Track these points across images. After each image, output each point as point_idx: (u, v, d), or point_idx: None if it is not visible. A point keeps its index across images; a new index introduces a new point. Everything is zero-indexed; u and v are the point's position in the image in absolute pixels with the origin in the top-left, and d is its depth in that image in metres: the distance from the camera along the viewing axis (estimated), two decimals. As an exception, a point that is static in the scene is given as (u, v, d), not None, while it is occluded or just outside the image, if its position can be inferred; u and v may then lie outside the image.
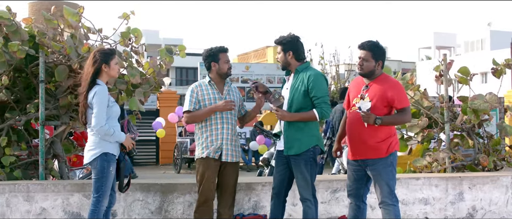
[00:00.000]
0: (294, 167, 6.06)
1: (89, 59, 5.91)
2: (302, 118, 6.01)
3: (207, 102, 6.26)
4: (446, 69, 8.35)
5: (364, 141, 5.89)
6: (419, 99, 8.64)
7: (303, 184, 6.05)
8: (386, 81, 5.95)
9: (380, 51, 5.98)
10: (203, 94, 6.30)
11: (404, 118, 5.97)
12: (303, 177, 6.04)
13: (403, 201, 7.32)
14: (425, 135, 8.48)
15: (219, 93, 6.32)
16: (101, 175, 5.66)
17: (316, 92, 5.99)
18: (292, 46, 6.17)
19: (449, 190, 7.52)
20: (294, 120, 6.01)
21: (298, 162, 6.03)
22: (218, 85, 6.37)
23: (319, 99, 5.99)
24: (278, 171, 6.24)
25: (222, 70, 6.33)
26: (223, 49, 6.37)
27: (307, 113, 6.00)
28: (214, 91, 6.32)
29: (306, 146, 6.02)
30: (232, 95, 6.41)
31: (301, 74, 6.11)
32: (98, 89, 5.69)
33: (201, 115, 6.22)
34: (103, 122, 5.62)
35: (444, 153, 8.20)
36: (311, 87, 5.98)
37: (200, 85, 6.38)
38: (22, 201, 6.58)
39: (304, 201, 6.09)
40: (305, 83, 6.01)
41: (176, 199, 6.86)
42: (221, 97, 6.30)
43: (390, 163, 5.90)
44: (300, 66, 6.18)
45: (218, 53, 6.34)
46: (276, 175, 6.25)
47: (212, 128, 6.22)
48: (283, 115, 6.01)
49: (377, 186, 5.93)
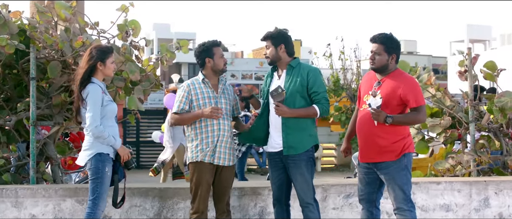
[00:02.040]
0: (293, 168, 6.06)
1: (85, 55, 5.97)
2: (303, 114, 6.06)
3: (201, 101, 6.20)
4: (471, 64, 8.24)
5: (375, 142, 5.84)
6: (441, 98, 8.55)
7: (304, 187, 6.06)
8: (400, 77, 5.88)
9: (394, 44, 5.92)
10: (196, 93, 6.24)
11: (418, 117, 5.90)
12: (303, 179, 6.06)
13: (422, 207, 7.25)
14: (447, 136, 8.38)
15: (214, 92, 6.26)
16: (96, 176, 5.71)
17: (317, 88, 6.07)
18: (285, 40, 6.21)
19: (473, 195, 7.42)
20: (294, 116, 6.02)
21: (298, 163, 6.04)
22: (213, 83, 6.32)
23: (320, 95, 6.08)
24: (276, 175, 6.24)
25: (217, 66, 6.27)
26: (216, 43, 6.33)
27: (309, 109, 6.07)
28: (208, 90, 6.26)
29: (307, 145, 6.08)
30: (227, 94, 6.35)
31: (295, 69, 6.14)
32: (92, 87, 5.73)
33: (187, 119, 6.21)
34: (97, 122, 5.67)
35: (469, 155, 8.08)
36: (311, 83, 6.06)
37: (193, 83, 6.32)
38: (10, 207, 6.59)
39: (306, 206, 6.10)
40: (305, 78, 6.06)
41: (176, 205, 6.84)
42: (216, 96, 6.25)
43: (404, 166, 5.84)
44: (293, 61, 6.23)
45: (211, 48, 6.28)
46: (275, 180, 6.25)
47: (207, 130, 6.16)
48: (284, 111, 5.98)
49: (390, 191, 5.88)
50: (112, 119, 5.84)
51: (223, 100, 6.27)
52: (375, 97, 5.84)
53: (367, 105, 5.90)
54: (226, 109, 6.26)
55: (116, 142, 5.78)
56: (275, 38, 6.18)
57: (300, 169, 6.03)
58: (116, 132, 5.89)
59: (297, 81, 6.05)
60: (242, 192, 6.91)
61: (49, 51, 7.17)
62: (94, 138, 5.69)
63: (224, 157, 6.18)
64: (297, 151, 6.01)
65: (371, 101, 5.85)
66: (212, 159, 6.14)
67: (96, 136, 5.66)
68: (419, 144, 8.68)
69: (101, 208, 5.70)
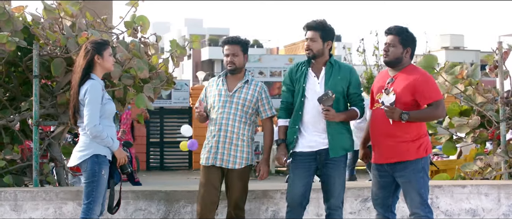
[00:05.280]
0: (333, 170, 6.02)
1: (81, 51, 5.96)
2: (348, 117, 6.05)
3: (211, 99, 6.22)
4: (501, 59, 8.07)
5: (389, 141, 5.74)
6: (472, 95, 8.37)
7: (340, 189, 6.07)
8: (413, 72, 5.80)
9: (409, 37, 5.84)
10: (210, 91, 6.29)
11: (435, 113, 5.77)
12: (340, 181, 6.07)
13: (446, 212, 7.12)
14: (476, 136, 8.21)
15: (227, 90, 6.20)
16: (91, 179, 5.66)
17: (357, 89, 6.09)
18: (332, 36, 6.07)
19: (502, 200, 7.25)
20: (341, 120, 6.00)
21: (338, 164, 6.03)
22: (232, 80, 6.27)
23: (358, 97, 6.08)
24: (305, 176, 6.07)
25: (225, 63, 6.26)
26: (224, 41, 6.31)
27: (351, 112, 6.07)
28: (221, 88, 6.22)
29: (350, 148, 6.13)
30: (243, 93, 6.20)
31: (334, 68, 6.04)
32: (91, 84, 5.69)
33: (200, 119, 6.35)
34: (96, 121, 5.62)
35: (499, 157, 7.91)
36: (353, 84, 6.04)
37: (214, 79, 6.39)
38: (8, 210, 6.61)
39: (336, 209, 6.08)
40: (348, 78, 6.01)
41: (183, 208, 6.81)
42: (229, 94, 6.18)
43: (422, 169, 5.74)
44: (332, 58, 6.12)
45: (223, 46, 6.29)
46: (302, 181, 6.05)
47: (210, 130, 6.19)
48: (334, 115, 5.88)
49: (406, 195, 5.79)
50: (110, 119, 5.81)
51: (235, 99, 6.16)
52: (388, 95, 5.75)
53: (379, 103, 5.81)
54: (237, 109, 6.14)
55: (114, 144, 5.74)
56: (325, 31, 6.00)
57: (339, 171, 6.02)
58: (114, 133, 5.85)
59: (339, 80, 5.97)
60: (252, 195, 6.84)
61: (52, 48, 7.18)
62: (92, 137, 5.65)
63: (227, 159, 6.11)
64: (342, 153, 6.01)
65: (384, 98, 5.76)
66: (215, 161, 6.10)
67: (94, 136, 5.62)
68: (446, 144, 8.55)
69: (96, 212, 5.66)
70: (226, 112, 6.12)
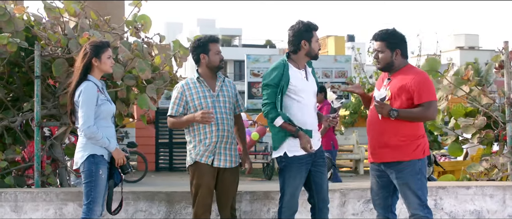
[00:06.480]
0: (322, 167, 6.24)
1: (80, 53, 5.99)
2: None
3: (197, 102, 6.16)
4: (508, 59, 8.05)
5: (384, 139, 5.76)
6: (477, 96, 8.36)
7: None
8: (409, 72, 5.81)
9: (396, 39, 5.87)
10: (191, 94, 6.20)
11: (425, 113, 5.73)
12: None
13: (450, 214, 7.13)
14: (482, 137, 8.19)
15: (210, 91, 6.21)
16: (89, 179, 5.71)
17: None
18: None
19: (507, 201, 7.24)
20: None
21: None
22: (209, 81, 6.27)
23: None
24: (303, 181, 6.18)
25: (212, 62, 6.23)
26: (214, 39, 6.30)
27: None
28: (203, 89, 6.21)
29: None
30: (225, 91, 6.28)
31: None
32: (85, 86, 5.74)
33: (182, 123, 6.19)
34: (91, 122, 5.67)
35: (505, 158, 7.89)
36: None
37: (187, 84, 6.27)
38: (9, 211, 6.66)
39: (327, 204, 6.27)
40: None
41: (184, 210, 6.83)
42: (213, 94, 6.20)
43: (419, 170, 5.74)
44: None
45: (207, 44, 6.24)
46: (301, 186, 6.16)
47: (205, 131, 6.12)
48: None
49: (404, 197, 5.79)
50: (107, 119, 5.84)
51: (221, 98, 6.22)
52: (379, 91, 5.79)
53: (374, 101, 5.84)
54: (225, 108, 6.22)
55: (111, 144, 5.77)
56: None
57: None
58: (112, 133, 5.88)
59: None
60: (254, 197, 6.87)
61: (53, 48, 7.23)
62: (87, 139, 5.71)
63: (224, 159, 6.14)
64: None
65: (375, 93, 5.81)
66: (211, 160, 6.10)
67: (89, 137, 5.67)
68: (452, 145, 8.53)
69: (96, 213, 5.70)
70: (218, 112, 6.15)
